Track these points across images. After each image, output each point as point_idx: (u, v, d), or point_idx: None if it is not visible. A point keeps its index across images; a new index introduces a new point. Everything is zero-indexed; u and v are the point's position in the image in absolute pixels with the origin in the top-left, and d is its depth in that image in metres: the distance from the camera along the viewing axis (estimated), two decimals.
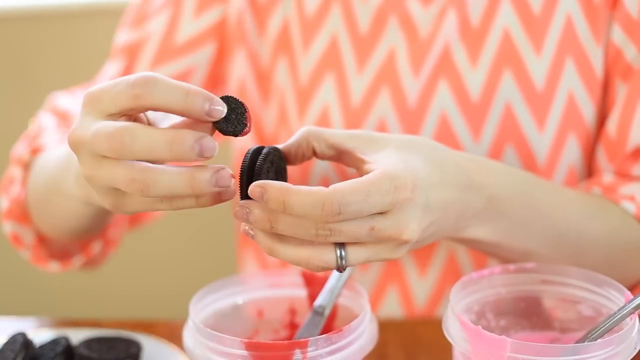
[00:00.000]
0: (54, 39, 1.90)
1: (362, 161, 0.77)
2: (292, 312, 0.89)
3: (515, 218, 0.85)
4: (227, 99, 0.72)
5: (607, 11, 0.98)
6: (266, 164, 0.75)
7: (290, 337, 0.89)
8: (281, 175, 0.79)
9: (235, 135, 0.73)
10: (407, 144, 0.78)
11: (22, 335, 0.89)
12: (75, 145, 0.72)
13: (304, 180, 1.05)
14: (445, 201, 0.78)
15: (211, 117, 0.70)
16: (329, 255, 0.73)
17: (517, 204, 0.84)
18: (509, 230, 0.84)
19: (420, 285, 1.05)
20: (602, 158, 0.99)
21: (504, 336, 0.74)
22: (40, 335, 0.93)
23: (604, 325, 0.77)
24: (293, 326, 0.89)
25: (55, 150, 0.98)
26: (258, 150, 0.76)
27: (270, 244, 0.74)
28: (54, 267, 1.06)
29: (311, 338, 0.77)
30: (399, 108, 1.01)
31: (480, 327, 0.75)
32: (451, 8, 1.00)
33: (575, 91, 0.99)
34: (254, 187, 0.72)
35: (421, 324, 1.00)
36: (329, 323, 0.86)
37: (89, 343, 0.92)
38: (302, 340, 0.77)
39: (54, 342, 0.90)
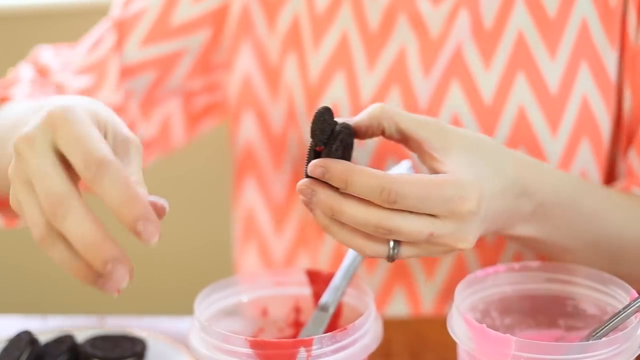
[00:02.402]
0: (53, 37, 1.90)
1: (431, 157, 0.77)
2: (297, 310, 0.89)
3: (560, 221, 0.85)
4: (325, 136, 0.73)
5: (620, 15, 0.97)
6: (336, 143, 0.75)
7: (295, 336, 0.89)
8: (348, 152, 0.78)
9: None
10: (474, 144, 0.78)
11: (27, 334, 0.89)
12: (17, 154, 0.70)
13: None
14: (501, 210, 0.78)
15: (140, 238, 0.69)
16: (382, 247, 0.75)
17: (565, 208, 0.85)
18: (551, 230, 0.85)
19: (428, 286, 1.05)
20: (635, 160, 0.98)
21: (508, 335, 0.74)
22: (45, 333, 0.93)
23: (609, 324, 0.77)
24: (298, 324, 0.89)
25: (19, 104, 0.96)
26: (326, 124, 0.75)
27: (328, 223, 0.76)
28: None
29: (316, 336, 0.77)
30: (410, 108, 1.00)
31: (485, 325, 0.75)
32: (463, 8, 0.99)
33: (589, 95, 0.98)
34: (314, 167, 0.73)
35: (426, 323, 1.00)
36: (334, 321, 0.86)
37: (94, 341, 0.91)
38: (306, 338, 0.77)
39: (59, 341, 0.90)
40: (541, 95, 0.98)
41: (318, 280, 0.88)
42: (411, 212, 0.73)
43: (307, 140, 1.03)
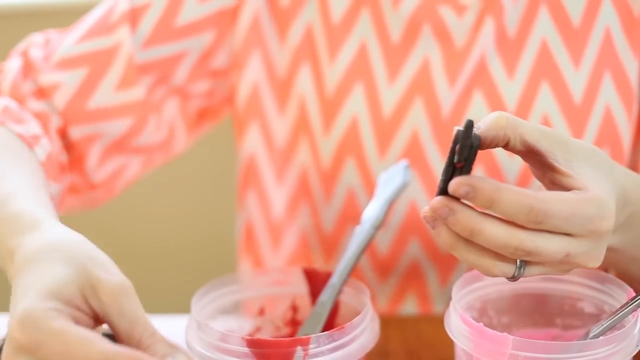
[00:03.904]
0: None
1: (557, 170, 0.73)
2: (294, 309, 0.89)
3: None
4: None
5: None
6: (474, 160, 0.70)
7: (292, 334, 0.89)
8: (470, 164, 0.72)
9: None
10: (592, 157, 0.75)
11: None
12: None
13: (329, 189, 1.03)
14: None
15: None
16: (509, 267, 0.72)
17: None
18: (631, 239, 0.82)
19: (441, 293, 1.04)
20: None
21: (505, 333, 0.74)
22: None
23: (606, 323, 0.77)
24: (295, 323, 0.89)
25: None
26: (467, 140, 0.69)
27: (454, 242, 0.71)
28: None
29: (313, 335, 0.77)
30: (433, 119, 0.99)
31: (482, 324, 0.75)
32: (488, 17, 0.97)
33: (612, 105, 0.97)
34: (458, 185, 0.68)
35: (423, 321, 1.00)
36: (331, 320, 0.86)
37: None
38: (304, 337, 0.77)
39: None
40: (565, 105, 0.97)
41: (315, 279, 0.88)
42: (550, 232, 0.70)
43: (322, 152, 1.02)
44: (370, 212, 0.89)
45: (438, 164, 1.00)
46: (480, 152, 0.71)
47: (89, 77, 1.01)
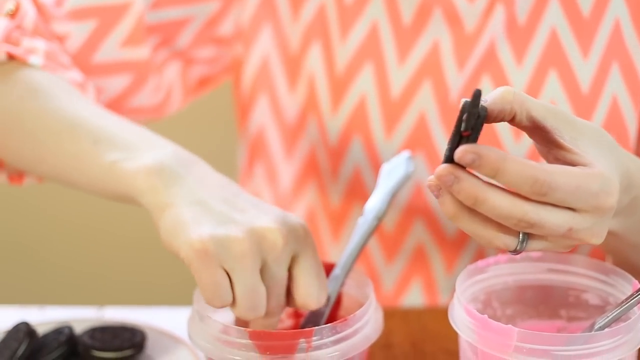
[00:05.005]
0: None
1: (562, 147, 0.73)
2: None
3: None
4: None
5: None
6: (481, 128, 0.69)
7: (295, 327, 0.88)
8: (477, 134, 0.72)
9: None
10: (597, 136, 0.74)
11: (25, 325, 0.89)
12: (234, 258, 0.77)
13: (336, 166, 1.03)
14: (619, 205, 0.75)
15: None
16: (512, 240, 0.71)
17: None
18: (631, 224, 0.82)
19: (446, 278, 1.04)
20: None
21: (510, 325, 0.74)
22: (43, 324, 0.92)
23: (611, 315, 0.77)
24: (298, 315, 0.88)
25: (64, 88, 0.93)
26: (475, 108, 0.68)
27: (457, 211, 0.71)
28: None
29: (316, 327, 0.77)
30: (441, 102, 0.99)
31: (486, 316, 0.75)
32: (499, 4, 0.97)
33: (619, 96, 0.97)
34: (464, 153, 0.68)
35: (427, 313, 1.00)
36: (334, 312, 0.86)
37: (93, 332, 0.91)
38: (307, 329, 0.77)
39: (58, 332, 0.90)
40: (572, 94, 0.97)
41: None
42: (554, 205, 0.70)
43: (330, 130, 1.02)
44: (373, 203, 0.89)
45: (444, 146, 0.99)
46: (485, 137, 0.71)
47: (97, 30, 1.01)
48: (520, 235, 0.72)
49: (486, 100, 0.71)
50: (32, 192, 1.64)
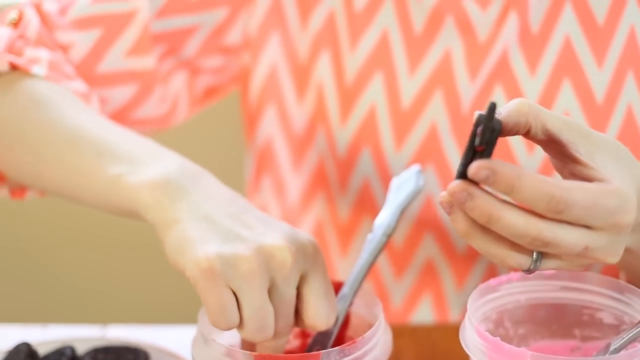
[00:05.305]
0: None
1: (578, 161, 0.71)
2: None
3: None
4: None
5: None
6: (495, 143, 0.68)
7: (301, 347, 0.87)
8: (491, 149, 0.70)
9: None
10: (614, 150, 0.73)
11: (26, 346, 0.88)
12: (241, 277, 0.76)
13: (345, 178, 1.02)
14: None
15: None
16: (525, 259, 0.70)
17: None
18: None
19: (457, 295, 1.03)
20: None
21: (524, 348, 0.72)
22: (45, 344, 0.91)
23: (627, 336, 0.75)
24: (305, 335, 0.87)
25: (69, 101, 0.92)
26: (490, 122, 0.67)
27: (470, 229, 0.69)
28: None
29: (324, 351, 0.75)
30: (452, 112, 0.98)
31: (499, 338, 0.73)
32: (512, 11, 0.96)
33: (634, 105, 0.95)
34: (478, 169, 0.66)
35: (437, 331, 0.99)
36: (342, 332, 0.84)
37: (95, 353, 0.90)
38: (314, 353, 0.75)
39: (59, 352, 0.89)
40: (586, 103, 0.96)
41: None
42: (569, 223, 0.68)
43: (339, 141, 1.01)
44: (382, 219, 0.88)
45: (455, 158, 0.99)
46: (497, 149, 0.69)
47: (101, 39, 1.00)
48: (534, 254, 0.70)
49: (500, 112, 0.70)
50: (33, 208, 1.63)
